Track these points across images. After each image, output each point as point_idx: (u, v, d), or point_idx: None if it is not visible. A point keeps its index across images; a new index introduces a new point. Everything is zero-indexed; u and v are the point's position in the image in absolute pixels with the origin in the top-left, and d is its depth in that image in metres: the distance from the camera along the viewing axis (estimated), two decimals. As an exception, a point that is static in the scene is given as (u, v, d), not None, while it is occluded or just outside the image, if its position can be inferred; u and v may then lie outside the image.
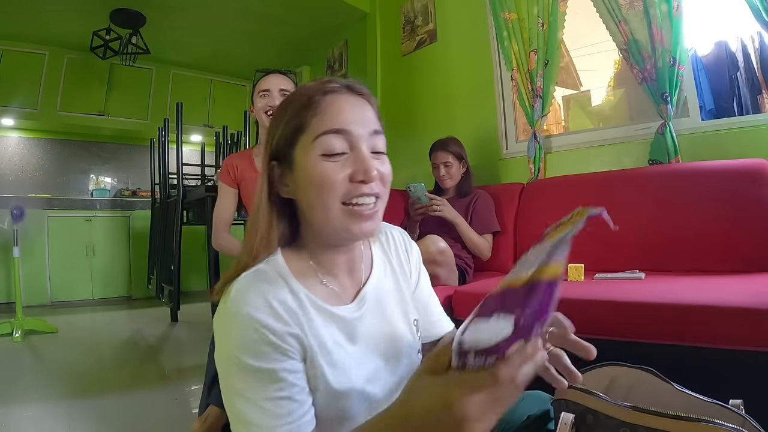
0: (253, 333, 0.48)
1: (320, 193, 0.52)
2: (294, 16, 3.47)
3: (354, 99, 0.56)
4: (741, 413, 0.57)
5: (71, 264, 3.79)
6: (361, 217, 0.53)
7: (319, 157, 0.52)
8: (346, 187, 0.52)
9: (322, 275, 0.57)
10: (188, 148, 4.53)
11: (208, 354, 1.23)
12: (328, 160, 0.52)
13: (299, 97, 0.55)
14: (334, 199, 0.52)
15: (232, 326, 0.49)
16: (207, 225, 2.11)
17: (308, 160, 0.53)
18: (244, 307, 0.49)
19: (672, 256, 1.48)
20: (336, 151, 0.52)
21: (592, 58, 2.63)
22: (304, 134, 0.53)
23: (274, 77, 1.44)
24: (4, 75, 3.67)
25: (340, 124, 0.53)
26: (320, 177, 0.52)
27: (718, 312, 0.93)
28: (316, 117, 0.53)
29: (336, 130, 0.53)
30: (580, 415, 0.59)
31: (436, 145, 1.96)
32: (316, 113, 0.53)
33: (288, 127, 0.55)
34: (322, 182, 0.52)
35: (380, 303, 0.61)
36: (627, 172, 1.75)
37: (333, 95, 0.54)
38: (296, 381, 0.49)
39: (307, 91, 0.55)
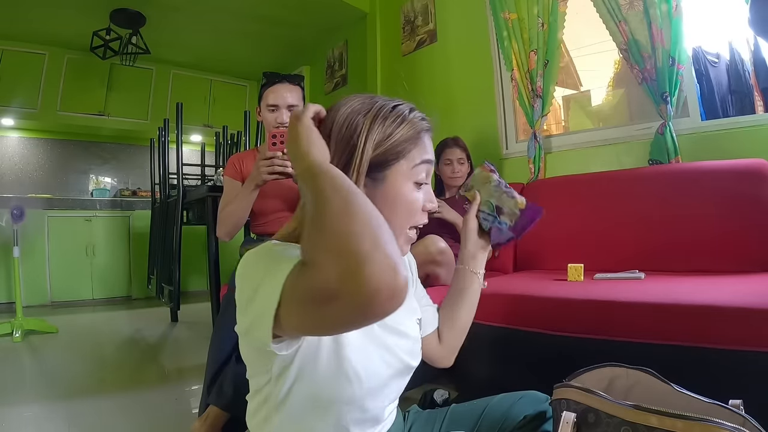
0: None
1: (401, 215, 0.58)
2: (294, 16, 3.47)
3: (431, 138, 0.63)
4: (741, 413, 0.57)
5: (71, 264, 3.79)
6: (411, 241, 0.62)
7: (413, 184, 0.59)
8: (416, 215, 0.60)
9: None
10: (188, 148, 4.53)
11: (208, 354, 1.23)
12: (417, 189, 0.59)
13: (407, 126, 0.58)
14: (408, 222, 0.60)
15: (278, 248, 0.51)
16: (207, 225, 2.11)
17: (403, 184, 0.58)
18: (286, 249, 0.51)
19: (672, 256, 1.48)
20: (424, 181, 0.60)
21: (592, 58, 2.62)
22: (403, 160, 0.58)
23: (282, 89, 1.43)
24: (4, 75, 3.67)
25: (431, 157, 0.61)
26: (410, 202, 0.59)
27: (718, 312, 0.93)
28: (417, 149, 0.59)
29: (429, 161, 0.60)
30: (582, 414, 0.59)
31: (448, 142, 1.95)
32: (417, 146, 0.59)
33: (390, 150, 0.57)
34: (409, 207, 0.59)
35: None
36: (627, 172, 1.75)
37: (427, 134, 0.61)
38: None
39: (413, 125, 0.59)
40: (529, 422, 0.68)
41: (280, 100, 1.42)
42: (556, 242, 1.72)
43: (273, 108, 1.43)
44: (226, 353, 1.19)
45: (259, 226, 1.51)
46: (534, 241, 1.75)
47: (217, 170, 3.05)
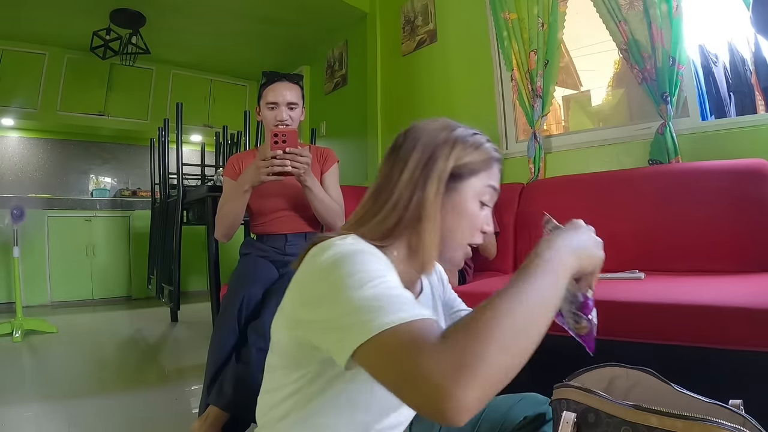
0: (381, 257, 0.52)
1: (464, 228, 0.63)
2: (294, 16, 3.47)
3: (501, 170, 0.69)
4: (741, 413, 0.57)
5: (71, 264, 3.78)
6: (468, 256, 0.65)
7: (479, 202, 0.64)
8: (475, 233, 0.64)
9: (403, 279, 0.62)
10: (188, 148, 4.53)
11: (208, 354, 1.23)
12: (482, 207, 0.64)
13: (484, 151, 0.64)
14: (469, 237, 0.64)
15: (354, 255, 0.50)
16: (207, 225, 2.11)
17: (472, 199, 0.63)
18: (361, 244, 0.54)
19: (672, 256, 1.48)
20: (487, 203, 0.65)
21: (592, 58, 2.62)
22: (475, 178, 0.63)
23: (281, 87, 1.43)
24: (4, 75, 3.67)
25: (497, 185, 0.67)
26: (473, 216, 0.63)
27: (718, 312, 0.93)
28: (487, 173, 0.64)
29: (495, 188, 0.66)
30: (582, 414, 0.59)
31: None
32: (488, 170, 0.65)
33: (466, 166, 0.63)
34: (472, 221, 0.63)
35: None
36: (627, 172, 1.75)
37: (498, 165, 0.67)
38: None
39: (488, 152, 0.65)
40: (529, 423, 0.68)
41: (280, 98, 1.42)
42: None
43: (272, 106, 1.42)
44: (226, 353, 1.19)
45: (259, 226, 1.50)
46: (534, 242, 1.75)
47: (217, 170, 3.05)
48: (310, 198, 1.37)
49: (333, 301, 0.47)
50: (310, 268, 0.53)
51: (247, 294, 1.24)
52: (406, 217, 0.60)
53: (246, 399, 1.11)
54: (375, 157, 3.19)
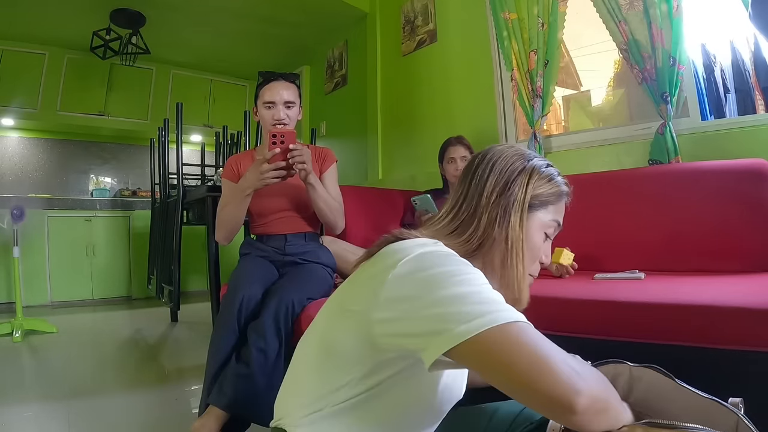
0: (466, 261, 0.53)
1: (528, 257, 0.63)
2: (294, 16, 3.47)
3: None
4: (737, 412, 0.57)
5: (71, 264, 3.78)
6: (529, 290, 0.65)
7: (544, 234, 0.66)
8: (535, 266, 0.66)
9: None
10: (188, 148, 4.53)
11: (208, 354, 1.23)
12: (546, 239, 0.66)
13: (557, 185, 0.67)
14: (531, 267, 0.64)
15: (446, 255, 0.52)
16: (207, 225, 2.11)
17: (538, 230, 0.65)
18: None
19: (672, 256, 1.48)
20: (551, 238, 0.67)
21: (592, 58, 2.62)
22: (544, 210, 0.65)
23: (278, 86, 1.43)
24: (4, 75, 3.67)
25: (561, 221, 0.69)
26: (537, 247, 0.65)
27: (718, 312, 0.93)
28: (556, 206, 0.67)
29: (560, 224, 0.68)
30: None
31: (452, 141, 1.98)
32: (557, 204, 0.67)
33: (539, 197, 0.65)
34: (535, 252, 0.65)
35: None
36: (627, 172, 1.74)
37: (567, 199, 0.69)
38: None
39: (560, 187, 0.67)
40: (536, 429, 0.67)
41: (277, 97, 1.42)
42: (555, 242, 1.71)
43: (270, 105, 1.42)
44: (226, 353, 1.19)
45: (259, 226, 1.50)
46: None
47: (217, 170, 3.05)
48: (313, 196, 1.37)
49: (429, 297, 0.47)
50: (394, 264, 0.51)
51: (246, 294, 1.24)
52: (486, 242, 0.62)
53: (246, 399, 1.11)
54: (375, 157, 3.19)
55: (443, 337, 0.44)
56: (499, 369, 0.43)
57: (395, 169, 3.06)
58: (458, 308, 0.45)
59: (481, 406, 0.75)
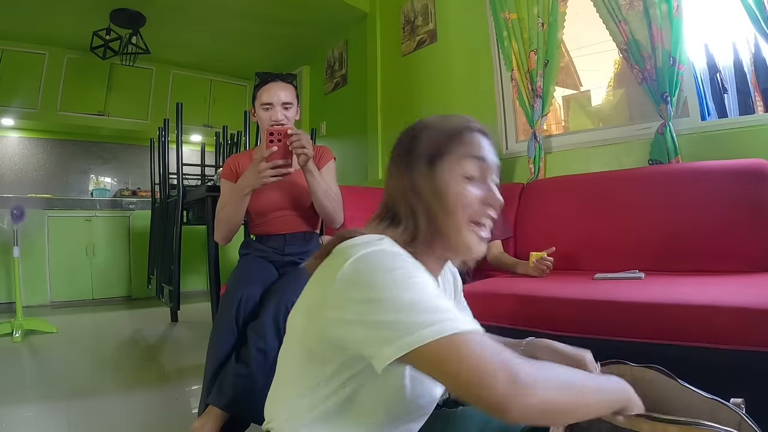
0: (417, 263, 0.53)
1: (452, 208, 0.58)
2: (294, 16, 3.47)
3: (489, 141, 0.64)
4: (739, 412, 0.57)
5: (71, 264, 3.78)
6: (481, 239, 0.60)
7: (461, 178, 0.60)
8: (477, 211, 0.60)
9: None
10: (188, 148, 4.53)
11: (207, 354, 1.23)
12: (469, 183, 0.60)
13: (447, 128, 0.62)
14: (463, 216, 0.59)
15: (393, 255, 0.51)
16: (207, 225, 2.11)
17: (450, 178, 0.59)
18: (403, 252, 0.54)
19: (672, 256, 1.48)
20: (474, 175, 0.60)
21: (592, 58, 2.62)
22: (448, 156, 0.60)
23: (275, 87, 1.43)
24: (4, 75, 3.67)
25: (481, 154, 0.61)
26: (456, 194, 0.59)
27: (718, 312, 0.93)
28: (461, 145, 0.61)
29: (478, 157, 0.61)
30: None
31: None
32: (462, 143, 0.61)
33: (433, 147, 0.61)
34: (457, 199, 0.59)
35: None
36: (627, 172, 1.75)
37: (480, 135, 0.63)
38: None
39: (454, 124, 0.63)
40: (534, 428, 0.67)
41: (275, 98, 1.42)
42: (556, 242, 1.71)
43: (267, 106, 1.42)
44: (225, 353, 1.19)
45: (258, 226, 1.50)
46: (534, 241, 1.75)
47: (216, 170, 3.05)
48: (312, 183, 1.35)
49: (376, 302, 0.47)
50: (341, 263, 0.51)
51: (245, 294, 1.24)
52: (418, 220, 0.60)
53: (246, 399, 1.11)
54: (375, 157, 3.19)
55: (391, 347, 0.45)
56: (445, 376, 0.45)
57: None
58: (405, 317, 0.46)
59: None
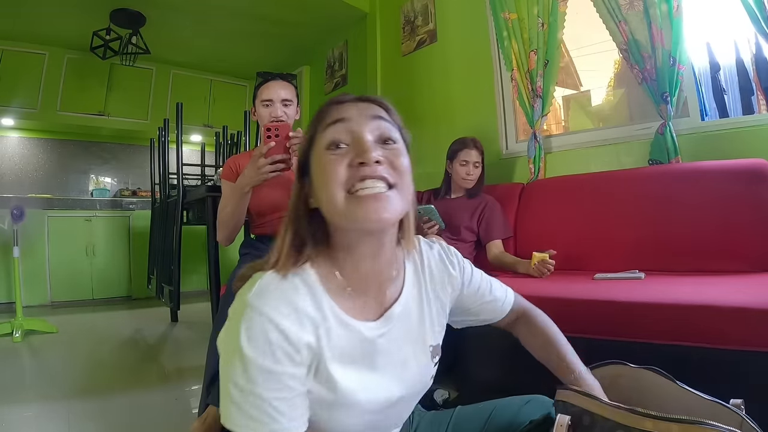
0: (267, 334, 0.48)
1: (326, 185, 0.53)
2: (294, 16, 3.47)
3: (360, 103, 0.59)
4: (740, 413, 0.57)
5: (71, 264, 3.78)
6: (364, 200, 0.52)
7: (324, 152, 0.55)
8: (347, 174, 0.53)
9: (349, 287, 0.58)
10: (188, 148, 4.53)
11: (207, 354, 1.23)
12: (332, 153, 0.54)
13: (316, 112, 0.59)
14: (338, 188, 0.53)
15: (248, 321, 0.49)
16: (207, 225, 2.10)
17: (315, 159, 0.56)
18: (265, 305, 0.49)
19: (672, 256, 1.48)
20: (338, 141, 0.55)
21: (592, 58, 2.62)
22: (316, 137, 0.57)
23: (276, 85, 1.44)
24: (4, 75, 3.67)
25: (339, 116, 0.56)
26: (324, 168, 0.54)
27: (718, 312, 0.93)
28: (323, 121, 0.57)
29: (336, 120, 0.56)
30: (577, 417, 0.59)
31: (467, 143, 1.89)
32: (324, 119, 0.57)
33: (305, 140, 0.59)
34: (325, 173, 0.54)
35: (403, 325, 0.62)
36: (627, 172, 1.75)
37: (338, 105, 0.58)
38: (296, 386, 0.50)
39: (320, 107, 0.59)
40: (536, 427, 0.67)
41: (274, 95, 1.43)
42: (556, 242, 1.72)
43: (267, 103, 1.43)
44: (226, 353, 1.19)
45: (259, 227, 1.50)
46: (534, 242, 1.75)
47: (217, 170, 3.05)
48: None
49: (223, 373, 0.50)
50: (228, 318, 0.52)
51: (246, 294, 1.24)
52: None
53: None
54: (375, 157, 3.19)
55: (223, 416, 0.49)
56: None
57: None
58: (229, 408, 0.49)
59: (479, 404, 0.75)
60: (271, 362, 0.48)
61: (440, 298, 0.68)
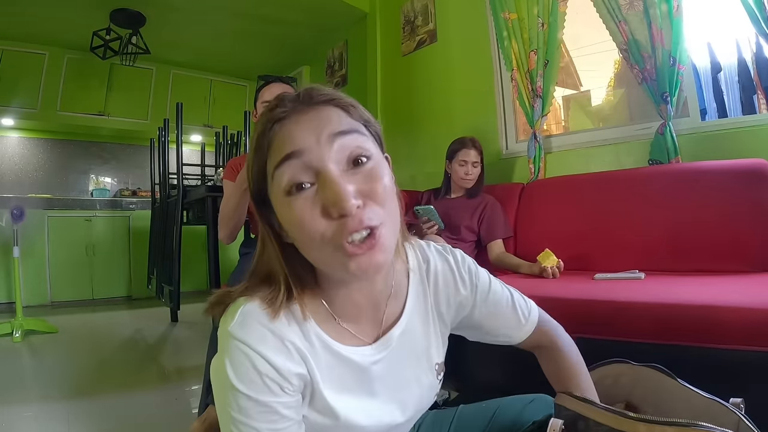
0: (256, 367, 0.46)
1: (304, 241, 0.46)
2: (294, 16, 3.47)
3: (307, 113, 0.47)
4: (738, 412, 0.57)
5: (71, 264, 3.78)
6: (355, 255, 0.44)
7: (284, 198, 0.45)
8: (328, 229, 0.44)
9: (337, 315, 0.54)
10: (188, 148, 4.53)
11: (207, 354, 1.23)
12: (294, 198, 0.44)
13: (257, 135, 0.48)
14: (321, 245, 0.44)
15: (235, 355, 0.47)
16: (207, 225, 2.11)
17: (278, 203, 0.47)
18: (250, 338, 0.47)
19: (672, 256, 1.48)
20: (299, 182, 0.44)
21: (592, 58, 2.62)
22: (267, 174, 0.47)
23: (276, 87, 1.47)
24: (4, 75, 3.67)
25: (291, 148, 0.45)
26: (294, 218, 0.45)
27: (718, 312, 0.93)
28: (270, 153, 0.47)
29: (286, 155, 0.45)
30: (571, 421, 0.59)
31: (466, 143, 1.88)
32: (270, 148, 0.47)
33: (254, 170, 0.49)
34: (300, 226, 0.44)
35: (405, 346, 0.58)
36: (627, 172, 1.75)
37: (281, 122, 0.47)
38: (291, 415, 0.48)
39: (260, 126, 0.48)
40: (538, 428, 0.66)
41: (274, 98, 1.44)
42: (556, 242, 1.72)
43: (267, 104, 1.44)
44: (226, 353, 1.19)
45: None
46: (534, 242, 1.75)
47: (217, 170, 3.05)
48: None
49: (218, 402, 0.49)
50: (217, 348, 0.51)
51: (246, 294, 1.24)
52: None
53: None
54: (375, 157, 3.19)
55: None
56: None
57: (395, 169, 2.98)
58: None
59: (482, 404, 0.75)
60: (263, 394, 0.46)
61: (442, 313, 0.63)
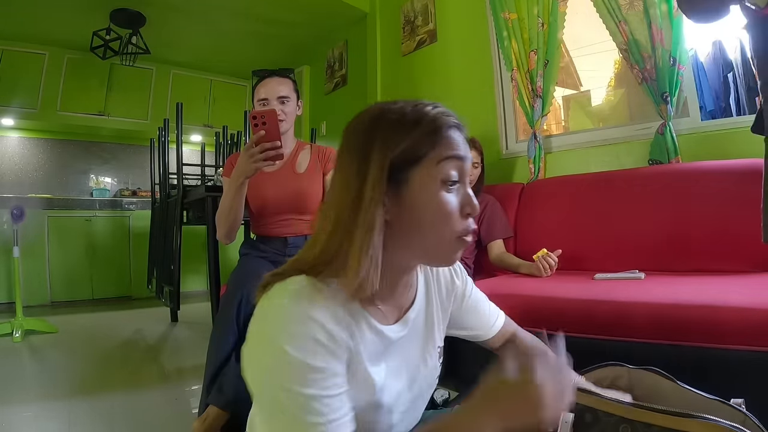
0: (310, 331, 0.48)
1: (439, 226, 0.53)
2: (294, 16, 3.47)
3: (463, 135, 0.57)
4: (743, 410, 0.57)
5: (71, 264, 3.78)
6: (463, 246, 0.55)
7: (440, 185, 0.53)
8: (461, 224, 0.54)
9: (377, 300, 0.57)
10: (188, 148, 4.53)
11: (207, 354, 1.23)
12: (447, 191, 0.53)
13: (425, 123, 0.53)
14: (452, 234, 0.53)
15: (288, 321, 0.48)
16: (207, 225, 2.10)
17: (427, 188, 0.53)
18: (304, 304, 0.49)
19: (672, 256, 1.48)
20: (454, 179, 0.54)
21: (592, 58, 2.62)
22: (423, 163, 0.53)
23: (271, 82, 1.43)
24: (4, 75, 3.67)
25: (461, 152, 0.55)
26: (440, 206, 0.52)
27: (718, 312, 0.93)
28: (439, 145, 0.53)
29: (454, 156, 0.54)
30: (579, 414, 0.59)
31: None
32: (440, 142, 0.53)
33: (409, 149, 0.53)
34: (443, 213, 0.53)
35: (417, 328, 0.64)
36: (627, 172, 1.75)
37: (452, 129, 0.55)
38: (342, 383, 0.50)
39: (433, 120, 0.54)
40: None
41: (270, 93, 1.41)
42: (556, 242, 1.72)
43: (263, 102, 1.42)
44: (226, 353, 1.19)
45: (261, 227, 1.49)
46: (534, 242, 1.75)
47: (217, 170, 3.05)
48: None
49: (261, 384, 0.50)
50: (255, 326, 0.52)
51: (245, 293, 1.24)
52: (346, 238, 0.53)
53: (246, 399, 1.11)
54: (375, 157, 3.19)
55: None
56: None
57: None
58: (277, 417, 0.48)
59: None
60: (320, 360, 0.48)
61: (444, 301, 0.70)
